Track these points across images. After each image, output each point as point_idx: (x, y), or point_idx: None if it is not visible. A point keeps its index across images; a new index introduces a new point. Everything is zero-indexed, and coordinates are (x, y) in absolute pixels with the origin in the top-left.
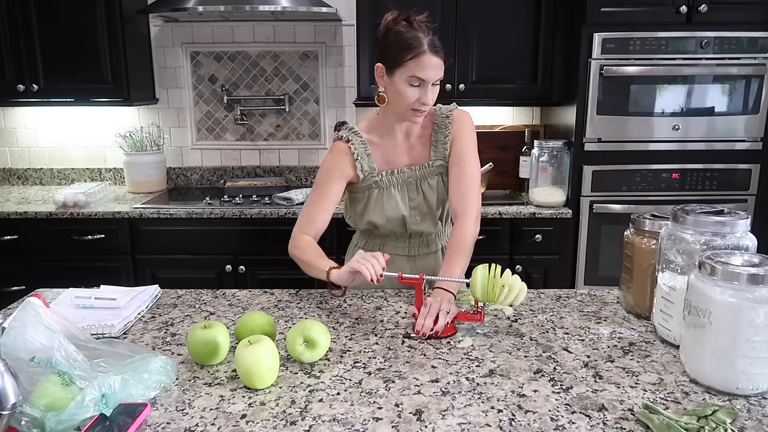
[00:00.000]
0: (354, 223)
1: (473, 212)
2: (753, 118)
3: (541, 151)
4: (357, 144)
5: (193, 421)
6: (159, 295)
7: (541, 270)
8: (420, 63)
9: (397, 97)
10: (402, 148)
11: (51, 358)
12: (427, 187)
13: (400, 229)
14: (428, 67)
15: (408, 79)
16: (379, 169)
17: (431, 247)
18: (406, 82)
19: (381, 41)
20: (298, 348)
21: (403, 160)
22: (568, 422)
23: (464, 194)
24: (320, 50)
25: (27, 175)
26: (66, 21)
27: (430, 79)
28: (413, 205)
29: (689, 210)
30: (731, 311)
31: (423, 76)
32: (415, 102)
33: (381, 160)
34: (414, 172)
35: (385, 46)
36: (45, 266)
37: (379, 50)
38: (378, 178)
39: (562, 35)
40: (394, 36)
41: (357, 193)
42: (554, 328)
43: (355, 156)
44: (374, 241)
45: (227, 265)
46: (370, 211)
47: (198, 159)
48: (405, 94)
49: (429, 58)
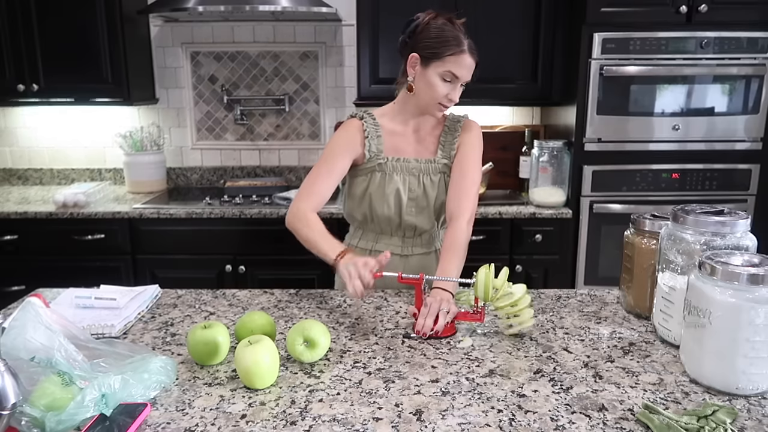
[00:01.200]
0: (351, 211)
1: (468, 213)
2: (753, 118)
3: (541, 151)
4: (370, 123)
5: (193, 421)
6: (159, 295)
7: (541, 270)
8: (458, 60)
9: (426, 88)
10: (411, 140)
11: (51, 358)
12: (429, 182)
13: (396, 219)
14: (465, 66)
15: (443, 73)
16: (386, 154)
17: (426, 247)
18: (439, 76)
19: (421, 33)
20: (298, 348)
21: (409, 151)
22: (568, 422)
23: (462, 196)
24: (320, 50)
25: (27, 175)
26: (66, 21)
27: (464, 78)
28: (412, 196)
29: (689, 210)
30: (731, 311)
31: (458, 74)
32: (444, 97)
33: (389, 146)
34: (419, 165)
35: (425, 38)
36: (45, 266)
37: (416, 41)
38: (383, 161)
39: (562, 35)
40: (437, 30)
41: (359, 176)
42: (554, 328)
43: (366, 134)
44: (368, 237)
45: (227, 265)
46: (371, 194)
47: (198, 159)
48: (436, 88)
49: (467, 57)
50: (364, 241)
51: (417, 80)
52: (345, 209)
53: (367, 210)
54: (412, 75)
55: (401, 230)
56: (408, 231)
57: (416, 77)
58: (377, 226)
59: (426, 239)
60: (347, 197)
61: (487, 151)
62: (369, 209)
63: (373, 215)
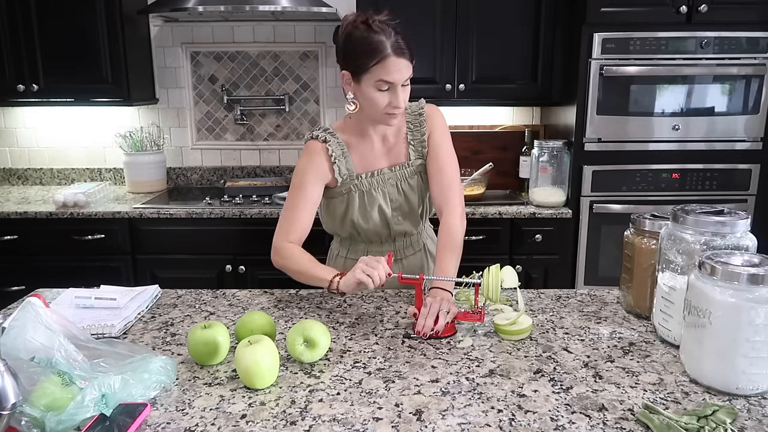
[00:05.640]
0: (334, 230)
1: (458, 207)
2: (753, 118)
3: (541, 151)
4: (334, 145)
5: (193, 421)
6: (159, 295)
7: (541, 270)
8: (385, 67)
9: (368, 103)
10: (380, 151)
11: (51, 358)
12: (407, 187)
13: (384, 231)
14: (394, 70)
15: (376, 84)
16: (357, 172)
17: (415, 246)
18: (374, 88)
19: (342, 48)
20: (298, 348)
21: (381, 162)
22: (568, 422)
23: (446, 189)
24: (320, 50)
25: (27, 175)
26: (66, 21)
27: (398, 82)
28: (394, 206)
29: (689, 210)
30: (731, 311)
31: (390, 80)
32: (387, 106)
33: (359, 162)
34: (394, 173)
35: (347, 53)
36: (45, 266)
37: (342, 57)
38: (357, 181)
39: (562, 35)
40: (354, 42)
41: (335, 198)
42: (554, 328)
43: (333, 158)
44: (357, 248)
45: (227, 265)
46: (354, 215)
47: (198, 159)
48: (375, 100)
49: (393, 61)
50: (353, 252)
51: (357, 96)
52: (327, 228)
53: (352, 229)
54: (349, 92)
55: (391, 238)
56: (398, 237)
57: (355, 94)
58: (365, 238)
59: (415, 239)
60: (326, 216)
61: (487, 151)
62: (353, 228)
63: (360, 231)
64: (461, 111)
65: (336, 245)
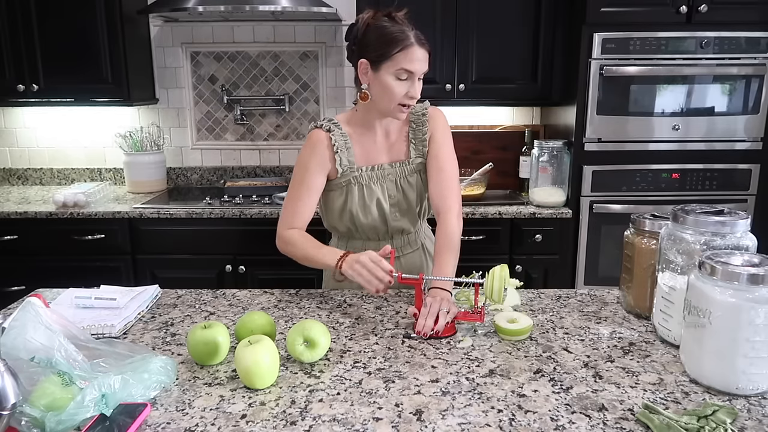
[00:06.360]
0: (333, 225)
1: (455, 208)
2: (753, 118)
3: (541, 151)
4: (338, 135)
5: (193, 421)
6: (159, 295)
7: (541, 270)
8: (408, 55)
9: (383, 92)
10: (382, 146)
11: (51, 358)
12: (407, 185)
13: (382, 227)
14: (416, 59)
15: (396, 72)
16: (358, 164)
17: (413, 245)
18: (393, 76)
19: (363, 38)
20: (298, 348)
21: (382, 158)
22: (568, 422)
23: (444, 190)
24: (320, 50)
25: (27, 175)
26: (66, 21)
27: (419, 72)
28: (393, 202)
29: (689, 210)
30: (731, 311)
31: (412, 68)
32: (404, 96)
33: (360, 155)
34: (394, 170)
35: (368, 42)
36: (45, 266)
37: (360, 47)
38: (357, 174)
39: (562, 35)
40: (378, 31)
41: (334, 191)
42: (554, 328)
43: (336, 148)
44: (355, 244)
45: (227, 265)
46: (353, 207)
47: (198, 159)
48: (393, 89)
49: (416, 50)
50: (351, 249)
51: (372, 86)
52: (325, 222)
53: (350, 223)
54: (365, 82)
55: (388, 235)
56: (396, 234)
57: (370, 83)
58: (363, 234)
59: (413, 238)
60: (325, 210)
61: (487, 151)
62: (352, 222)
63: (357, 226)
64: (461, 111)
65: (334, 242)
